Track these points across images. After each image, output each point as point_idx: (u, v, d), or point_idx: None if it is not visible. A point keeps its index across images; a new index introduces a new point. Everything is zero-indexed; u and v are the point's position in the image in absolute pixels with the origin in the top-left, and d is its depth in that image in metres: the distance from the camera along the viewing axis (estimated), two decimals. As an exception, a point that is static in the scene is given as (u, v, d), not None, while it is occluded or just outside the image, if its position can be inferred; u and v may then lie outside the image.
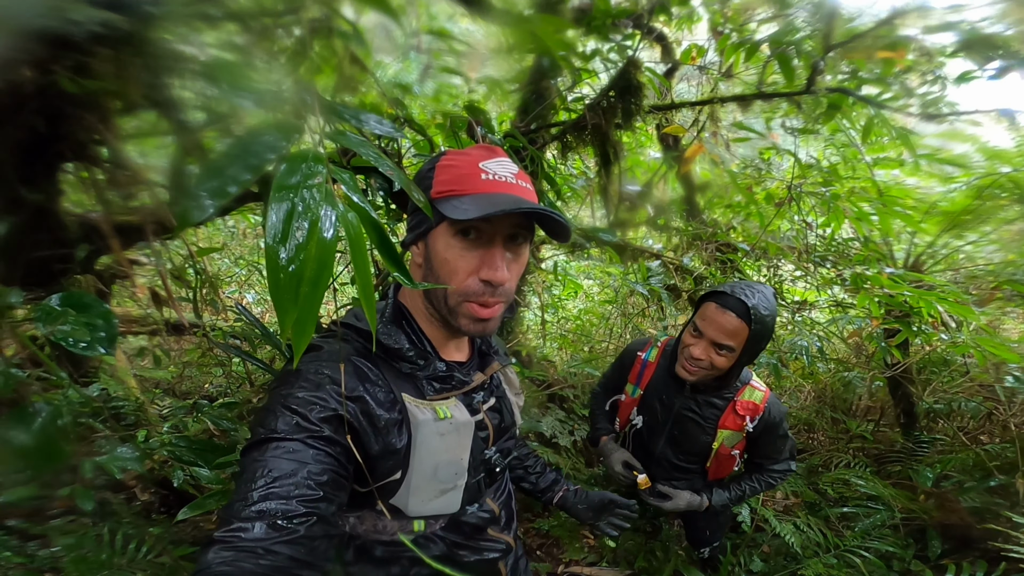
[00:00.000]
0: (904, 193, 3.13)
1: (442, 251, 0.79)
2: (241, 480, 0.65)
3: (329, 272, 0.50)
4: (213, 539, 0.59)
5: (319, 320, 0.68)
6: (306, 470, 0.65)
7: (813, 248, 3.04)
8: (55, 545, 1.35)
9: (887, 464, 2.93)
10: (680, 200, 3.63)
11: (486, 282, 0.79)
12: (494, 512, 0.97)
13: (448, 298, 0.81)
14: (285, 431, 0.68)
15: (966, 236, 3.09)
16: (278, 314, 0.47)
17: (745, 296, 1.42)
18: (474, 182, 0.79)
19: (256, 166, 0.51)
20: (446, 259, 0.79)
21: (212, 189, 0.50)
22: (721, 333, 1.43)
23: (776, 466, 1.70)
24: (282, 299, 0.47)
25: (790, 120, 2.90)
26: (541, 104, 2.15)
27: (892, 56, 1.88)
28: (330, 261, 0.50)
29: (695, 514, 1.83)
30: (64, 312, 0.80)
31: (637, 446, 1.79)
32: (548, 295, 4.17)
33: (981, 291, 3.03)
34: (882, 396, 3.43)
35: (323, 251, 0.50)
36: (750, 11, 2.32)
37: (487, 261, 0.79)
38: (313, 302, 0.48)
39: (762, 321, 1.40)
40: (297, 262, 0.48)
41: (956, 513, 2.31)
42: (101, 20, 0.68)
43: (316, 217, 0.50)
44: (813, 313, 3.34)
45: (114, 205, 1.19)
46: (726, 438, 1.63)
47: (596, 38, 2.03)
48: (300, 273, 0.48)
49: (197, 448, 1.19)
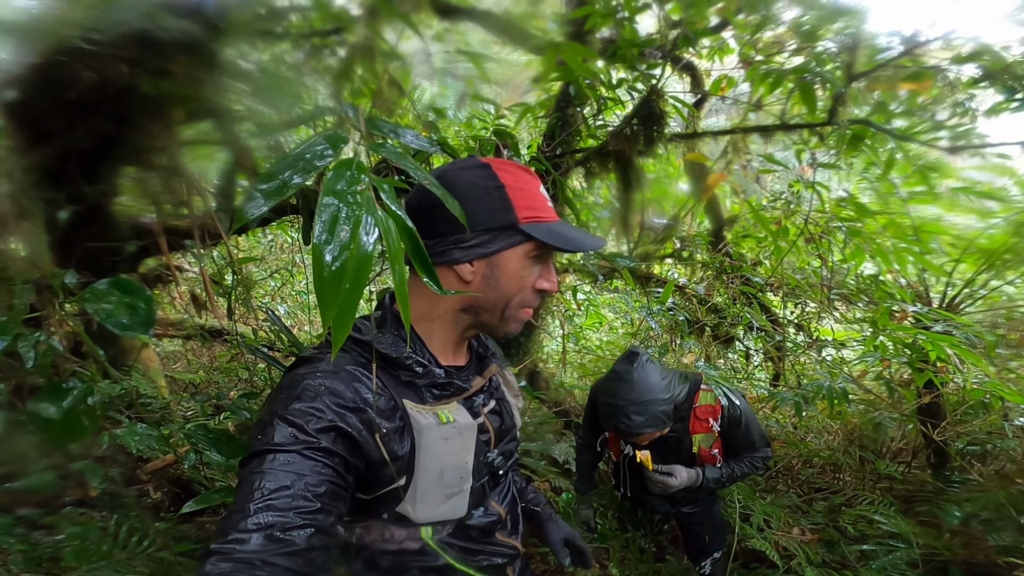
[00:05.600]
0: (940, 230, 3.06)
1: (519, 268, 0.86)
2: (239, 492, 0.65)
3: (367, 272, 0.53)
4: (210, 551, 0.59)
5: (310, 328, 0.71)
6: (303, 482, 0.65)
7: (838, 285, 2.98)
8: (61, 534, 1.37)
9: (916, 504, 2.81)
10: (707, 233, 3.62)
11: (541, 291, 0.89)
12: (500, 515, 0.96)
13: (507, 308, 0.88)
14: (282, 443, 0.68)
15: (1006, 276, 2.98)
16: (320, 308, 0.51)
17: (625, 425, 1.61)
18: (547, 209, 0.88)
19: (307, 171, 0.56)
20: (522, 276, 0.87)
21: (268, 190, 0.54)
22: (638, 442, 1.71)
23: (757, 453, 1.85)
24: (326, 294, 0.51)
25: (820, 153, 2.89)
26: (566, 131, 2.20)
27: (915, 88, 1.88)
28: (369, 262, 0.54)
29: (692, 519, 1.96)
30: (110, 291, 0.85)
31: (633, 469, 1.92)
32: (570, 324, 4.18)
33: (1019, 333, 2.93)
34: (913, 437, 3.30)
35: (363, 252, 0.54)
36: (781, 43, 2.35)
37: (545, 275, 0.89)
38: (353, 298, 0.52)
39: (654, 421, 1.60)
40: (340, 261, 0.52)
41: (982, 551, 2.24)
42: (184, 28, 0.75)
43: (358, 221, 0.54)
44: (844, 352, 3.26)
45: (166, 209, 1.26)
46: (701, 440, 1.80)
47: (622, 67, 2.09)
48: (343, 271, 0.52)
49: (213, 436, 1.22)
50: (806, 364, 3.34)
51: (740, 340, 3.52)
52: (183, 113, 1.06)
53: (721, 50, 2.63)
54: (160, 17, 0.73)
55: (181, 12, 0.77)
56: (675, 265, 3.74)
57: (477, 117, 2.70)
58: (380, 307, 0.93)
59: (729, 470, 1.83)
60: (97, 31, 0.71)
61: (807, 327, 3.35)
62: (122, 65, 0.86)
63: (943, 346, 1.91)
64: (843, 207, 2.83)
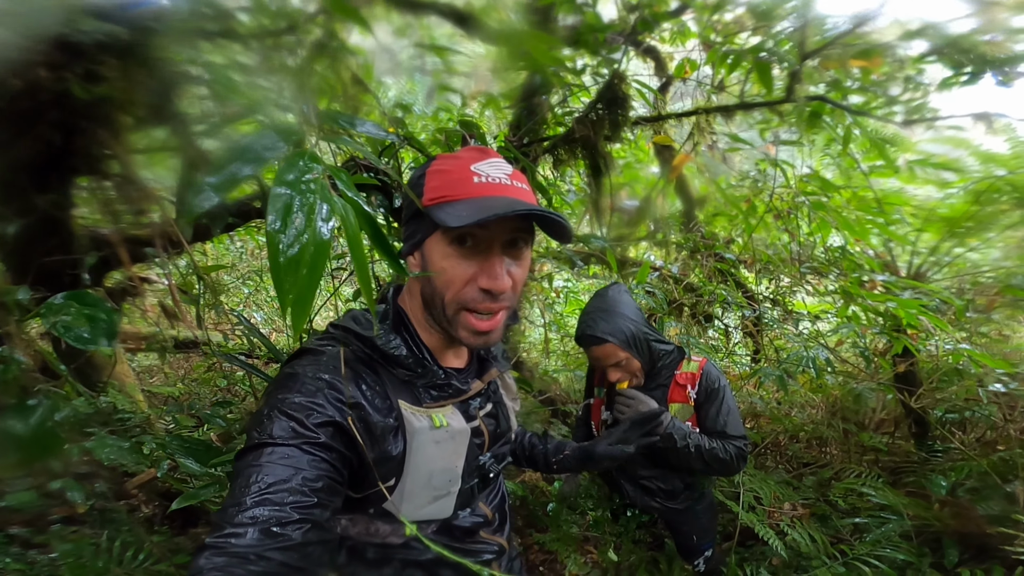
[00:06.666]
0: (902, 201, 3.15)
1: (438, 260, 0.77)
2: (235, 484, 0.64)
3: (324, 257, 0.53)
4: (205, 544, 0.58)
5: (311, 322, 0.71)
6: (301, 476, 0.65)
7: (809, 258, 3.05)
8: (55, 552, 1.35)
9: (902, 475, 2.87)
10: (679, 214, 3.67)
11: (486, 291, 0.77)
12: (486, 516, 0.96)
13: (446, 308, 0.79)
14: (281, 436, 0.67)
15: (969, 243, 3.09)
16: (278, 294, 0.51)
17: (589, 328, 1.62)
18: (467, 186, 0.76)
19: (256, 162, 0.55)
20: (443, 268, 0.77)
21: (217, 183, 0.53)
22: (603, 360, 1.65)
23: (734, 440, 1.71)
24: (283, 281, 0.51)
25: (783, 132, 2.95)
26: (533, 119, 2.20)
27: (866, 64, 1.93)
28: (326, 248, 0.54)
29: (677, 517, 1.90)
30: (67, 304, 0.83)
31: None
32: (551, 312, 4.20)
33: (986, 297, 3.02)
34: (894, 407, 3.39)
35: (319, 239, 0.53)
36: (740, 24, 2.39)
37: (485, 269, 0.76)
38: (310, 284, 0.52)
39: (618, 332, 1.60)
40: (295, 247, 0.52)
41: (973, 521, 2.26)
42: (105, 31, 0.73)
43: (312, 207, 0.54)
44: (819, 324, 3.33)
45: (124, 219, 1.23)
46: (677, 411, 1.74)
47: (586, 53, 2.10)
48: (299, 258, 0.52)
49: (189, 445, 1.21)
50: (783, 338, 3.41)
51: (719, 318, 3.58)
52: (130, 119, 1.04)
53: (682, 34, 2.66)
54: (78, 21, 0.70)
55: (103, 15, 0.74)
56: (650, 247, 3.79)
57: (443, 109, 2.68)
58: (383, 300, 0.92)
59: (698, 437, 1.69)
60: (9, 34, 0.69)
61: (782, 301, 3.42)
62: (40, 70, 0.83)
63: (913, 313, 1.96)
64: (807, 183, 2.90)
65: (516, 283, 0.80)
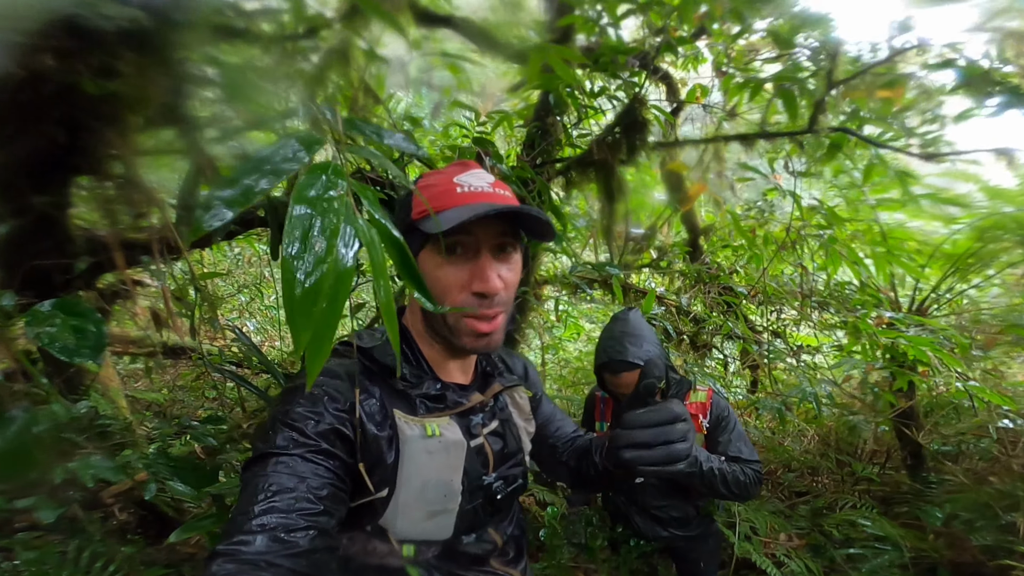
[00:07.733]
0: (907, 236, 3.14)
1: (432, 271, 0.81)
2: (243, 495, 0.66)
3: (347, 289, 0.48)
4: (216, 552, 0.60)
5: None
6: (306, 484, 0.67)
7: (814, 292, 3.03)
8: (17, 559, 1.30)
9: (894, 505, 2.86)
10: (684, 243, 3.65)
11: (479, 294, 0.80)
12: (497, 544, 0.92)
13: (447, 317, 0.83)
14: (283, 446, 0.70)
15: (970, 279, 3.08)
16: (292, 331, 0.45)
17: (619, 353, 1.61)
18: (451, 197, 0.80)
19: (275, 175, 0.50)
20: (437, 278, 0.81)
21: (230, 198, 0.48)
22: (632, 388, 1.57)
23: (751, 465, 1.68)
24: (297, 315, 0.45)
25: (792, 161, 2.94)
26: (547, 140, 2.18)
27: (890, 95, 1.92)
28: (349, 278, 0.48)
29: (685, 545, 1.88)
30: (53, 314, 0.78)
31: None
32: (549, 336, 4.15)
33: (986, 335, 3.01)
34: (888, 439, 3.37)
35: (341, 267, 0.48)
36: (754, 52, 2.38)
37: (476, 273, 0.80)
38: (330, 319, 0.46)
39: (647, 357, 1.58)
40: (315, 277, 0.46)
41: (968, 551, 2.28)
42: (130, 17, 0.68)
43: (336, 231, 0.49)
44: (817, 358, 3.31)
45: (123, 222, 1.18)
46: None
47: (603, 76, 2.09)
48: (317, 289, 0.46)
49: (175, 465, 1.17)
50: (784, 370, 3.38)
51: (718, 348, 3.55)
52: (140, 119, 0.98)
53: (696, 59, 2.66)
54: (100, 5, 0.65)
55: (131, 2, 0.69)
56: (652, 275, 3.76)
57: (456, 125, 2.65)
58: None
59: (719, 461, 1.65)
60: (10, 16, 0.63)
61: (784, 334, 3.39)
62: (47, 57, 0.77)
63: (924, 349, 1.94)
64: (817, 214, 2.89)
65: (508, 286, 0.84)
